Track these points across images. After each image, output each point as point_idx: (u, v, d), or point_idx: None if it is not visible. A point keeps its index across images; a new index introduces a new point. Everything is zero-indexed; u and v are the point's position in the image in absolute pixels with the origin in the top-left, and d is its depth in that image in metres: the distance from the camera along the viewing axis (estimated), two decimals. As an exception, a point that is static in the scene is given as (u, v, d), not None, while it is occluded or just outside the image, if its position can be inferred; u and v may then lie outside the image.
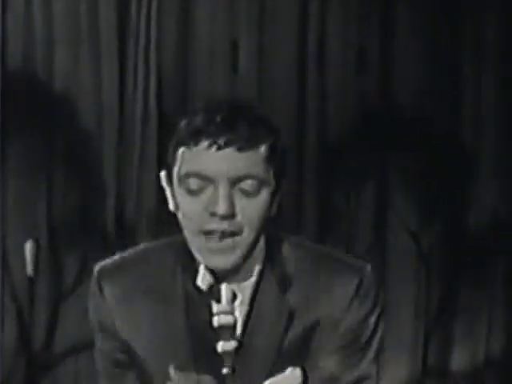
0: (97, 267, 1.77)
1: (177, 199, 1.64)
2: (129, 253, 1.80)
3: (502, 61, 4.81)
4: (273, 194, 1.62)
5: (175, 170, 1.62)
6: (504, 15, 4.79)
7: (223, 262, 1.60)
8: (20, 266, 4.35)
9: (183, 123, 1.62)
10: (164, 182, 1.70)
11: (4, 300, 4.36)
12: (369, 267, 1.71)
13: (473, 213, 4.89)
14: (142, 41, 4.42)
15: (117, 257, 1.80)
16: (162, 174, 1.68)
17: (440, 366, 4.96)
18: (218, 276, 1.65)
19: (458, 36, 4.75)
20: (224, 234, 1.57)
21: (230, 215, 1.56)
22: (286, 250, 1.71)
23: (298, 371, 1.68)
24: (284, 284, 1.69)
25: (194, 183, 1.58)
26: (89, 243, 4.18)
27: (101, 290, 1.75)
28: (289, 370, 1.68)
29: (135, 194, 4.43)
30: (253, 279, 1.69)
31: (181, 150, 1.60)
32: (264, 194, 1.59)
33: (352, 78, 4.67)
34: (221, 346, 1.66)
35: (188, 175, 1.58)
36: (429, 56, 4.72)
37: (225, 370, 1.70)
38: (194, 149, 1.57)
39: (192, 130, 1.59)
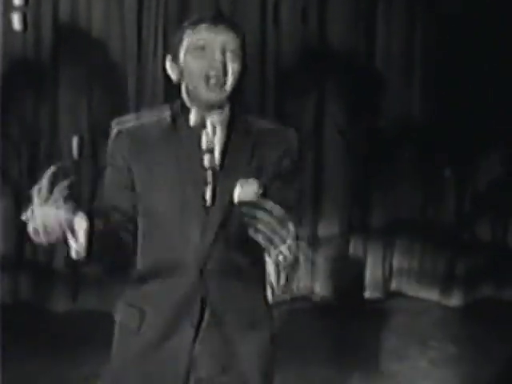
0: (116, 129, 2.16)
1: (183, 67, 2.10)
2: (137, 119, 2.20)
3: (405, 14, 5.89)
4: (242, 68, 2.11)
5: (183, 47, 2.10)
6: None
7: (217, 96, 2.08)
8: (69, 153, 5.43)
9: (186, 21, 2.12)
10: (168, 63, 2.16)
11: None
12: (292, 130, 2.26)
13: (384, 117, 5.94)
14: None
15: (131, 122, 2.18)
16: (168, 57, 2.16)
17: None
18: (204, 115, 2.11)
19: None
20: (219, 78, 2.06)
21: (223, 66, 2.05)
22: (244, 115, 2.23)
23: (255, 181, 2.07)
24: (246, 127, 2.20)
25: (198, 49, 2.07)
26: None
27: (119, 142, 2.14)
28: (250, 179, 2.07)
29: (149, 104, 5.17)
30: (225, 120, 2.15)
31: (186, 33, 2.09)
32: (240, 62, 2.11)
33: (298, 25, 5.75)
34: (207, 162, 2.12)
35: (195, 45, 2.07)
36: (352, 13, 5.81)
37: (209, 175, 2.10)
38: (197, 30, 2.07)
39: (195, 19, 2.10)
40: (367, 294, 6.10)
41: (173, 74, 2.16)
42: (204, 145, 2.12)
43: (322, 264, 6.00)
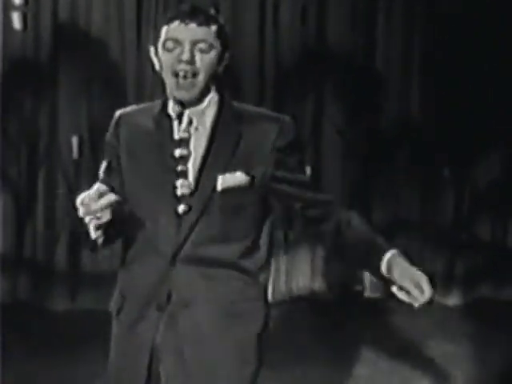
0: (118, 112, 2.28)
1: (160, 60, 2.16)
2: (137, 105, 2.33)
3: (405, 14, 5.92)
4: (219, 56, 2.15)
5: (160, 40, 2.15)
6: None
7: (187, 95, 2.13)
8: (68, 153, 5.54)
9: (164, 16, 2.19)
10: (152, 54, 2.22)
11: (58, 175, 5.54)
12: (287, 117, 2.25)
13: (383, 117, 5.97)
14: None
15: (132, 106, 2.33)
16: (151, 48, 2.22)
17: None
18: (184, 105, 2.16)
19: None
20: (187, 74, 2.10)
21: (191, 61, 2.09)
22: (235, 103, 2.25)
23: (244, 175, 2.14)
24: (235, 114, 2.22)
25: (169, 44, 2.12)
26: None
27: (118, 125, 2.25)
28: (238, 172, 2.14)
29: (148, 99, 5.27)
30: (212, 110, 2.19)
31: (163, 28, 2.14)
32: (212, 53, 2.13)
33: (298, 26, 5.78)
34: (178, 152, 2.16)
35: (167, 39, 2.12)
36: (351, 13, 5.84)
37: (179, 168, 2.15)
38: (171, 25, 2.12)
39: (170, 15, 2.15)
40: (366, 294, 6.10)
41: (155, 63, 2.22)
42: (176, 135, 2.17)
43: (322, 264, 6.01)
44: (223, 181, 2.12)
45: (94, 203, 1.94)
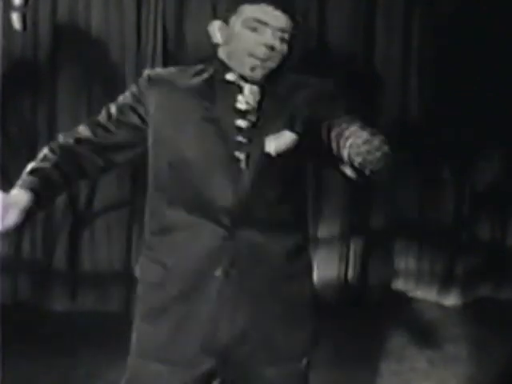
0: (147, 72, 2.26)
1: (232, 34, 2.15)
2: (168, 69, 2.31)
3: (405, 15, 5.92)
4: (286, 53, 2.22)
5: (239, 17, 2.14)
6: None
7: (256, 75, 2.15)
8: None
9: None
10: (216, 27, 2.20)
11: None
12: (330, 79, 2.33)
13: (382, 118, 5.90)
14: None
15: (162, 70, 2.33)
16: (218, 22, 2.20)
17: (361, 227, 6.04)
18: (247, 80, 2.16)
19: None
20: (264, 58, 2.13)
21: (272, 47, 2.14)
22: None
23: (292, 134, 2.09)
24: (290, 86, 2.24)
25: (253, 24, 2.12)
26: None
27: (149, 86, 2.20)
28: (286, 132, 2.10)
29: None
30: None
31: (246, 6, 2.13)
32: (286, 46, 2.20)
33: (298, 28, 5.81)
34: (241, 123, 2.16)
35: (252, 19, 2.12)
36: (351, 14, 5.86)
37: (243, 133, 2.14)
38: (257, 6, 2.12)
39: None
40: (366, 295, 6.10)
41: (219, 35, 2.20)
42: (239, 105, 2.16)
43: (322, 265, 6.01)
44: (274, 143, 2.10)
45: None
